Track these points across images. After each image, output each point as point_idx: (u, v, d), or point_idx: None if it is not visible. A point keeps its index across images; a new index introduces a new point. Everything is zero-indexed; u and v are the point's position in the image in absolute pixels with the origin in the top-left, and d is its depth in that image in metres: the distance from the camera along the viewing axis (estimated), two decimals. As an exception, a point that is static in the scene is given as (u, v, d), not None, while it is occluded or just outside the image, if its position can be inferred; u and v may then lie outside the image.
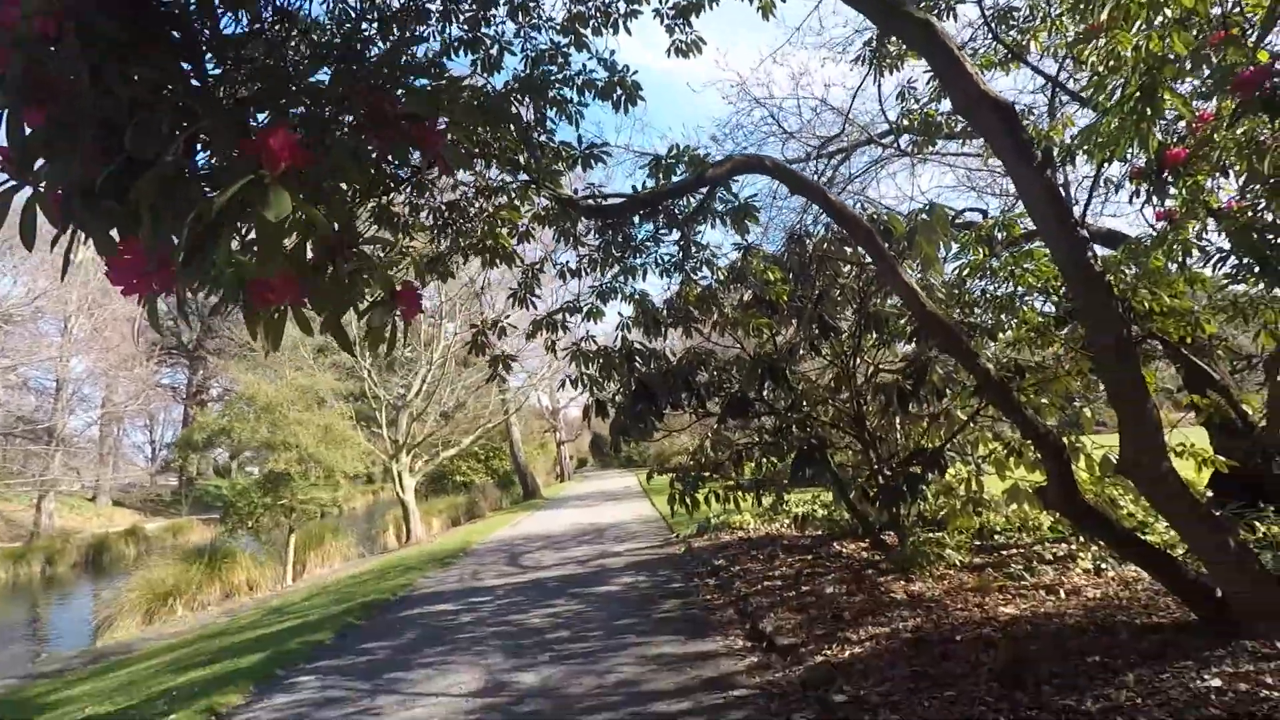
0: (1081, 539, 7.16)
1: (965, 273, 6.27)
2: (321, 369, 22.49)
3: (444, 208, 5.42)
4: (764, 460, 7.91)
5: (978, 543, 7.53)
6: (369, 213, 5.29)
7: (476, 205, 5.19)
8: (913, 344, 6.73)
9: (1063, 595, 5.33)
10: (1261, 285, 4.78)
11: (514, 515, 22.05)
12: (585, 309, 6.31)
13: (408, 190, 5.28)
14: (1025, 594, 5.47)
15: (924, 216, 5.73)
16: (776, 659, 4.97)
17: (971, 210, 9.75)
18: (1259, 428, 4.81)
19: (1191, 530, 3.85)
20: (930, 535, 7.28)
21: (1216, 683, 3.34)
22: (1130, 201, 3.58)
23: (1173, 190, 3.30)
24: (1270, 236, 3.32)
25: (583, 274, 6.18)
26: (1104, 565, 6.10)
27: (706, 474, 7.74)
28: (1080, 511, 4.27)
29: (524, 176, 4.76)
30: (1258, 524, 6.44)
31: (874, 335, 6.35)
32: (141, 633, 12.58)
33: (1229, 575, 3.89)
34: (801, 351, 6.52)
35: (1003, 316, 6.42)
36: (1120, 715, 3.16)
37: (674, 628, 6.25)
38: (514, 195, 5.08)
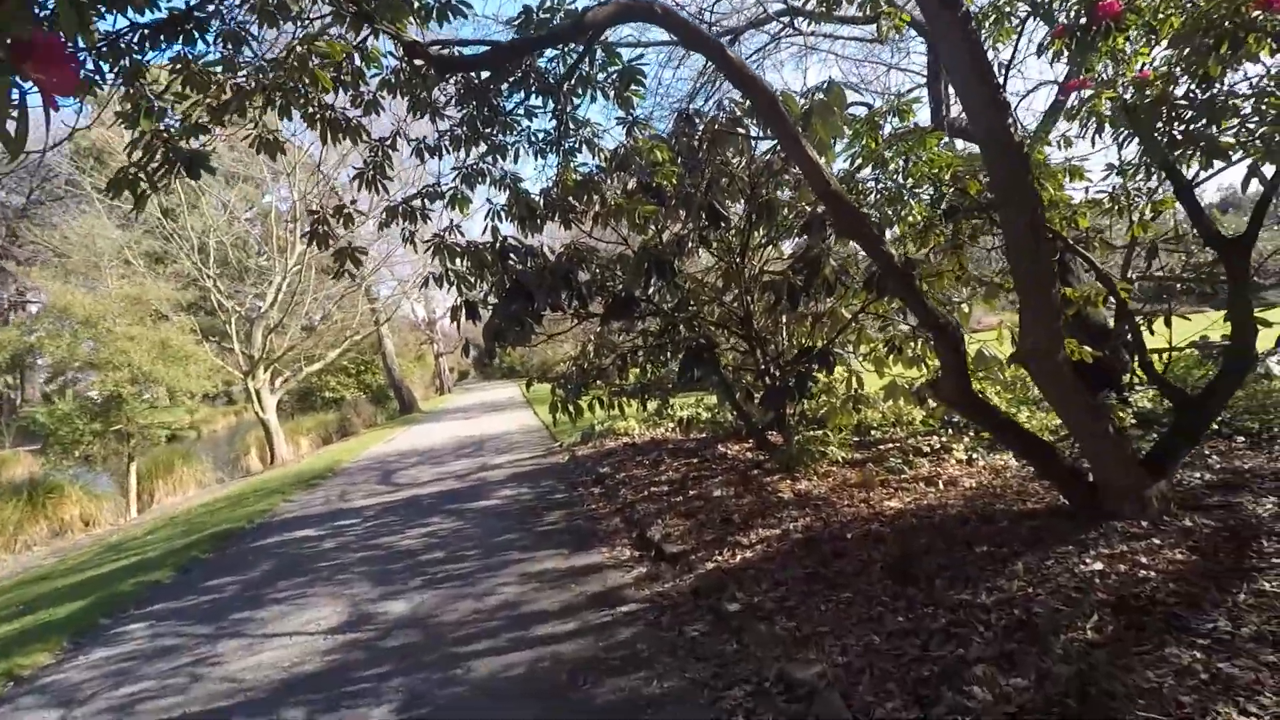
0: (951, 431, 7.42)
1: (857, 163, 5.96)
2: (161, 278, 19.91)
3: (266, 65, 4.37)
4: (649, 364, 7.57)
5: (856, 439, 7.65)
6: (170, 69, 4.18)
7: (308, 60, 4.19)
8: (803, 238, 6.45)
9: (941, 486, 5.40)
10: (1140, 176, 4.76)
11: (389, 431, 21.03)
12: (448, 195, 5.50)
13: (219, 42, 4.21)
14: (907, 487, 5.51)
15: (821, 96, 5.30)
16: (666, 568, 4.73)
17: (858, 105, 9.47)
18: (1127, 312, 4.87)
19: (1078, 417, 3.82)
20: (814, 433, 7.29)
21: (1099, 566, 3.35)
22: (1052, 64, 3.24)
23: (1094, 51, 2.99)
24: (1180, 113, 3.10)
25: (444, 153, 5.33)
26: (975, 455, 6.30)
27: (590, 380, 7.32)
28: (972, 402, 4.17)
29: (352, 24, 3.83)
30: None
31: (765, 228, 5.96)
32: (-54, 582, 10.96)
33: (1105, 459, 3.93)
34: (690, 244, 6.06)
35: (889, 211, 6.21)
36: (1014, 606, 3.08)
37: (557, 541, 5.91)
38: (344, 36, 4.13)
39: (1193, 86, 2.93)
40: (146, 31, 3.90)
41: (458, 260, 5.67)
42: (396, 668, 3.86)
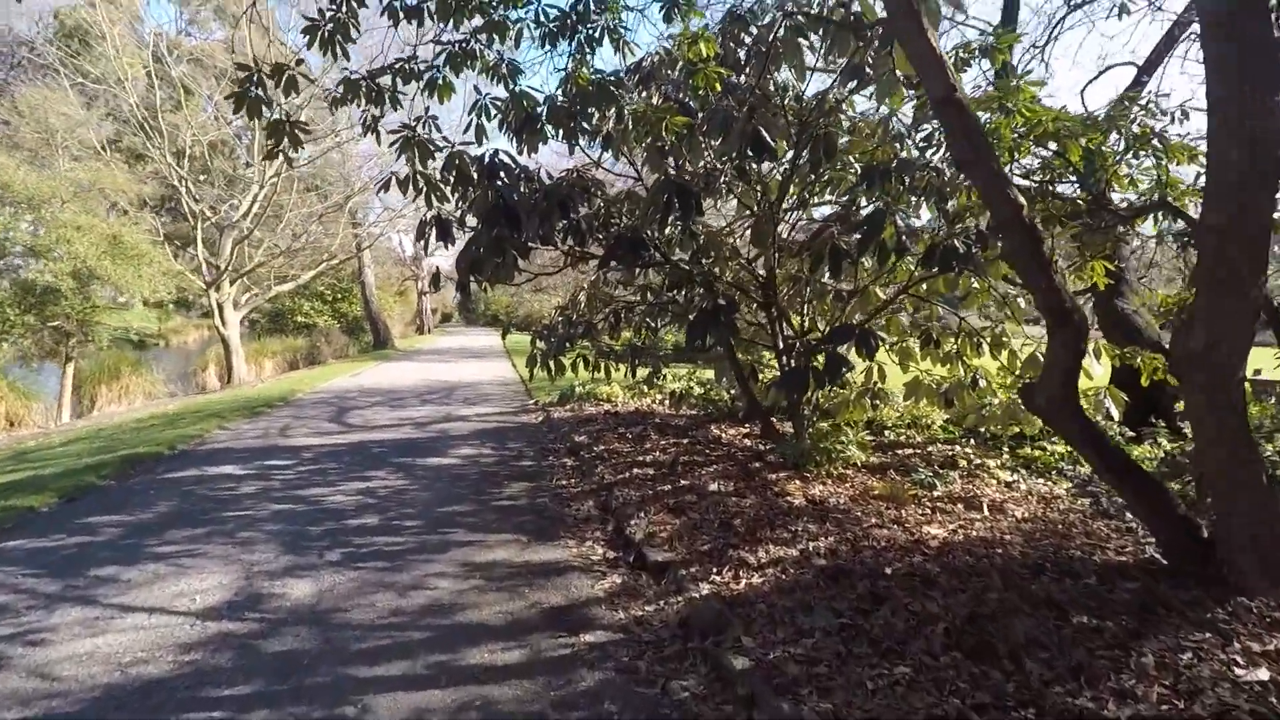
0: (975, 444, 6.46)
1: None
2: (137, 175, 18.38)
3: None
4: (645, 325, 6.50)
5: (871, 438, 6.67)
6: None
7: None
8: (856, 196, 5.36)
9: (987, 512, 4.44)
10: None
11: (358, 364, 19.87)
12: (426, 77, 4.31)
13: None
14: (944, 508, 4.53)
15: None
16: (648, 582, 3.70)
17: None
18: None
19: (1235, 453, 2.80)
20: (825, 426, 6.27)
21: (1263, 674, 2.38)
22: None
23: None
24: None
25: (426, 18, 4.13)
26: (1015, 477, 5.35)
27: (576, 335, 6.22)
28: (1074, 417, 3.14)
29: None
30: (1162, 441, 5.92)
31: (820, 169, 4.81)
32: None
33: (1247, 512, 2.94)
34: (725, 178, 4.92)
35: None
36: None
37: (516, 523, 4.87)
38: None
39: None
40: None
41: (430, 163, 4.51)
42: (267, 689, 2.80)
